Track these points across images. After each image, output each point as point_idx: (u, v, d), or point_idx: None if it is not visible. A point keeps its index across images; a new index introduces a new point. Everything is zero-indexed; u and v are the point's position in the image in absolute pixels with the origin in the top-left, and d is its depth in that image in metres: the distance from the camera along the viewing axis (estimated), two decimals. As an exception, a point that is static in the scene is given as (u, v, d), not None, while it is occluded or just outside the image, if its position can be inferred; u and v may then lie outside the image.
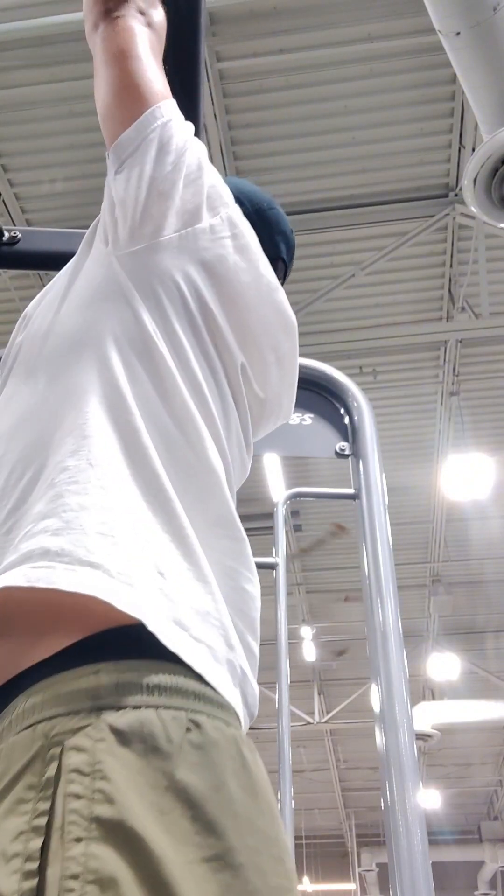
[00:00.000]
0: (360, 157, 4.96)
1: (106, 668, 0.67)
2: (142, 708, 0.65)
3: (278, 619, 2.08)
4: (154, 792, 0.61)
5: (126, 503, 0.76)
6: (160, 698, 0.66)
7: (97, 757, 0.61)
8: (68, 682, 0.66)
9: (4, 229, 1.48)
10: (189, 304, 0.91)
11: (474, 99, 3.14)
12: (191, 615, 0.73)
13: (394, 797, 1.51)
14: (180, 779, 0.62)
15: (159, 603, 0.71)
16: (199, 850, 0.60)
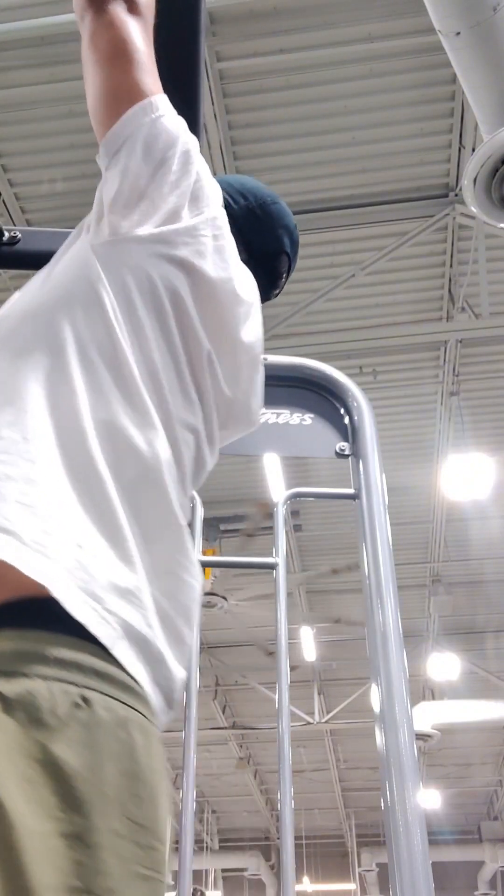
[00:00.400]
0: (360, 157, 4.96)
1: (7, 635, 0.68)
2: (33, 678, 0.65)
3: (278, 619, 2.08)
4: (26, 762, 0.61)
5: (53, 479, 0.76)
6: (55, 671, 0.66)
7: None
8: None
9: (4, 229, 1.48)
10: (159, 294, 0.92)
11: (474, 99, 3.14)
12: (106, 589, 0.73)
13: (394, 797, 1.51)
14: (56, 753, 0.62)
15: (73, 573, 0.71)
16: (59, 825, 0.60)
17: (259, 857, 16.27)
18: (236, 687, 11.09)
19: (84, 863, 0.60)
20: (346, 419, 2.10)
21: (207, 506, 2.50)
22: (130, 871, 0.64)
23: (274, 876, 16.21)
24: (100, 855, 0.62)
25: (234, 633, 9.12)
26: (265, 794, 14.94)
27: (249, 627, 8.55)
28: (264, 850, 16.66)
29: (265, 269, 1.12)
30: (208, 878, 16.41)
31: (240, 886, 17.11)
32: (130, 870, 0.64)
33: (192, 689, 1.95)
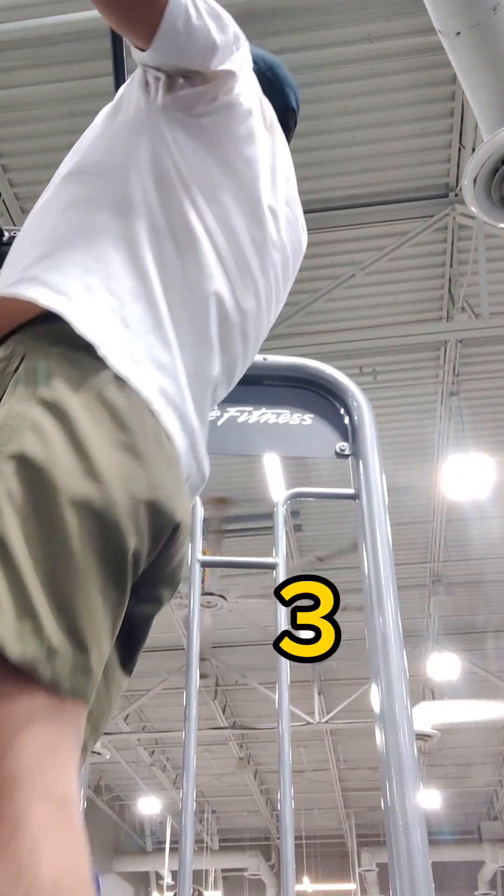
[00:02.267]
0: (360, 157, 4.96)
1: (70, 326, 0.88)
2: (89, 354, 0.87)
3: (278, 619, 2.07)
4: (86, 395, 0.83)
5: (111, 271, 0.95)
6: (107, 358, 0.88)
7: (50, 364, 0.85)
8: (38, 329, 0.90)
9: (4, 229, 1.49)
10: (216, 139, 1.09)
11: (474, 99, 3.14)
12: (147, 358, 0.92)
13: (394, 797, 1.51)
14: (108, 394, 0.85)
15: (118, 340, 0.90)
16: (112, 437, 0.82)
17: (259, 857, 16.27)
18: (236, 687, 11.09)
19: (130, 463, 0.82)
20: (346, 419, 2.10)
21: (207, 506, 2.50)
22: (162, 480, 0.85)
23: (274, 876, 16.21)
24: (143, 462, 0.84)
25: (234, 632, 9.12)
26: (265, 794, 14.94)
27: (249, 627, 8.55)
28: (264, 850, 16.66)
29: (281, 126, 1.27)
30: (208, 878, 16.41)
31: (240, 886, 17.11)
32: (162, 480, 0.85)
33: (191, 689, 1.95)
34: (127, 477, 0.81)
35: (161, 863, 14.65)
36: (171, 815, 14.45)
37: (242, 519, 7.64)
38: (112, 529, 0.78)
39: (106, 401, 0.84)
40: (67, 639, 0.71)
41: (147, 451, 0.85)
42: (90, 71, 4.36)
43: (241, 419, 2.14)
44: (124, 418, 0.84)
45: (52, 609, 0.71)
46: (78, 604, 0.73)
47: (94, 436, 0.80)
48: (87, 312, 0.90)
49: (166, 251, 1.00)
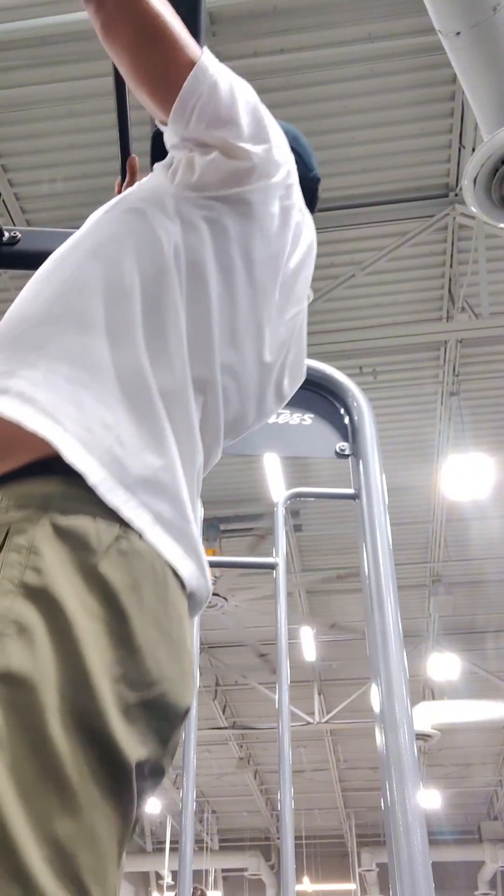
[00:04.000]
0: (360, 157, 4.96)
1: (57, 480, 0.79)
2: (82, 515, 0.77)
3: (278, 619, 2.08)
4: (77, 576, 0.74)
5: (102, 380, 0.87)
6: (100, 510, 0.78)
7: (35, 540, 0.74)
8: (23, 487, 0.79)
9: (4, 229, 1.49)
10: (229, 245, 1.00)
11: (474, 99, 3.14)
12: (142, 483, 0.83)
13: (394, 797, 1.51)
14: (102, 571, 0.75)
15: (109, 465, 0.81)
16: (106, 626, 0.73)
17: (259, 857, 16.28)
18: (236, 687, 11.09)
19: (126, 659, 0.73)
20: (346, 419, 2.10)
21: (207, 506, 2.51)
22: (164, 674, 0.76)
23: (274, 876, 16.21)
24: (139, 656, 0.74)
25: (234, 632, 9.13)
26: (265, 794, 14.94)
27: (249, 627, 8.56)
28: (264, 850, 16.67)
29: (307, 196, 1.23)
30: (208, 878, 16.41)
31: (240, 886, 17.11)
32: (164, 673, 0.76)
33: (192, 689, 1.95)
34: (119, 678, 0.72)
35: (161, 863, 14.65)
36: (171, 815, 14.45)
37: (242, 519, 7.64)
38: (109, 750, 0.69)
39: (101, 582, 0.74)
40: None
41: (145, 638, 0.75)
42: (90, 71, 4.36)
43: (241, 419, 2.14)
44: (121, 603, 0.74)
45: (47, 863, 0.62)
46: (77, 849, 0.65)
47: (86, 629, 0.71)
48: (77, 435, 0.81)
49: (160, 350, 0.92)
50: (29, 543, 0.74)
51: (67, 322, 0.90)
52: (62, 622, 0.70)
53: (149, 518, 0.82)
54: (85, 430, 0.82)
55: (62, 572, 0.73)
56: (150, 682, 0.75)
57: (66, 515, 0.77)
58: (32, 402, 0.81)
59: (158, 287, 0.94)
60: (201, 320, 0.96)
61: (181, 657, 0.80)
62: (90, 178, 4.80)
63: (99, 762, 0.68)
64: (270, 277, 1.06)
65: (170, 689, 0.77)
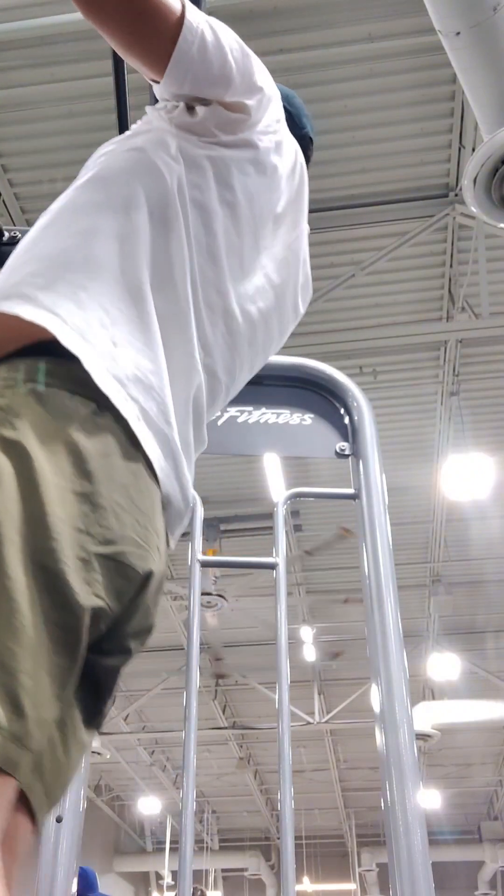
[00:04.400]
0: (360, 157, 4.96)
1: (46, 360, 0.84)
2: (62, 390, 0.82)
3: (278, 619, 2.08)
4: (50, 438, 0.78)
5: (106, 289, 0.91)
6: (82, 388, 0.83)
7: (15, 402, 0.80)
8: (14, 363, 0.84)
9: (4, 229, 1.49)
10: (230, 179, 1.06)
11: (474, 99, 3.14)
12: (133, 380, 0.87)
13: (394, 797, 1.52)
14: (74, 437, 0.79)
15: (103, 358, 0.86)
16: (72, 484, 0.76)
17: (259, 857, 16.28)
18: (236, 687, 11.09)
19: (88, 514, 0.76)
20: (346, 419, 2.10)
21: (207, 506, 2.51)
22: (126, 534, 0.79)
23: (274, 876, 16.21)
24: (103, 514, 0.78)
25: (234, 632, 9.12)
26: (265, 794, 14.94)
27: (250, 627, 8.55)
28: (264, 850, 16.66)
29: None
30: (208, 878, 16.41)
31: (240, 886, 17.11)
32: (126, 533, 0.79)
33: (191, 689, 1.95)
34: (80, 530, 0.75)
35: (161, 863, 14.65)
36: (171, 815, 14.45)
37: (242, 519, 7.64)
38: (61, 588, 0.72)
39: (71, 445, 0.78)
40: None
41: (110, 500, 0.79)
42: (90, 71, 4.36)
43: (241, 419, 2.14)
44: (89, 466, 0.78)
45: None
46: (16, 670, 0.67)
47: (52, 482, 0.75)
48: (75, 326, 0.86)
49: (164, 275, 0.97)
50: (9, 405, 0.79)
51: (74, 239, 0.95)
52: (31, 471, 0.74)
53: (136, 410, 0.86)
54: (82, 322, 0.87)
55: (36, 433, 0.77)
56: (110, 539, 0.77)
57: (48, 387, 0.82)
58: (33, 300, 0.87)
59: (164, 220, 0.99)
60: (210, 252, 1.02)
61: (147, 527, 0.83)
62: (90, 178, 4.79)
63: (50, 599, 0.71)
64: (269, 208, 1.12)
65: (131, 550, 0.79)
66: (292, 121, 1.27)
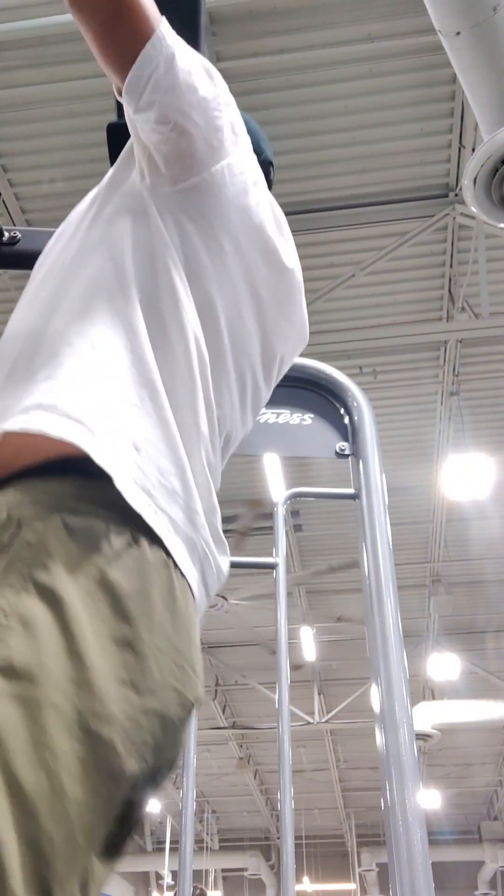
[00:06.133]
0: (360, 157, 4.96)
1: (73, 480, 0.80)
2: (94, 517, 0.77)
3: (278, 619, 2.08)
4: (86, 578, 0.73)
5: (119, 385, 0.86)
6: (113, 514, 0.78)
7: (46, 538, 0.74)
8: (39, 486, 0.80)
9: (4, 229, 1.49)
10: (213, 231, 1.01)
11: (474, 99, 3.14)
12: (158, 488, 0.84)
13: (394, 797, 1.51)
14: (111, 576, 0.74)
15: (130, 469, 0.81)
16: (111, 630, 0.72)
17: (259, 857, 16.28)
18: (236, 687, 11.09)
19: (130, 663, 0.72)
20: (346, 419, 2.10)
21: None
22: (167, 681, 0.75)
23: (274, 876, 16.21)
24: (145, 662, 0.73)
25: (234, 632, 9.12)
26: (265, 794, 14.94)
27: (250, 627, 8.55)
28: (264, 850, 16.66)
29: None
30: (208, 878, 16.41)
31: (240, 886, 17.11)
32: (167, 681, 0.75)
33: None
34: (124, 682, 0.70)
35: (161, 863, 14.64)
36: (171, 815, 14.45)
37: (238, 519, 7.63)
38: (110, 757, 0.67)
39: (108, 584, 0.73)
40: None
41: (150, 645, 0.74)
42: (90, 71, 4.36)
43: (240, 419, 2.14)
44: (127, 607, 0.73)
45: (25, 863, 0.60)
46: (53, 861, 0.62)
47: (91, 631, 0.70)
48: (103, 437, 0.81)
49: (165, 349, 0.92)
50: (39, 540, 0.74)
51: (73, 334, 0.90)
52: (68, 620, 0.69)
53: (166, 523, 0.82)
54: (109, 431, 0.82)
55: (71, 574, 0.72)
56: (153, 690, 0.73)
57: (78, 516, 0.76)
58: (53, 409, 0.82)
59: (155, 291, 0.94)
60: (207, 314, 0.97)
61: (184, 667, 0.79)
62: (90, 178, 4.77)
63: (97, 771, 0.66)
64: (257, 248, 1.05)
65: (171, 699, 0.75)
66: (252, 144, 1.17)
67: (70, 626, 0.69)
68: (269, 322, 1.08)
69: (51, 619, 0.69)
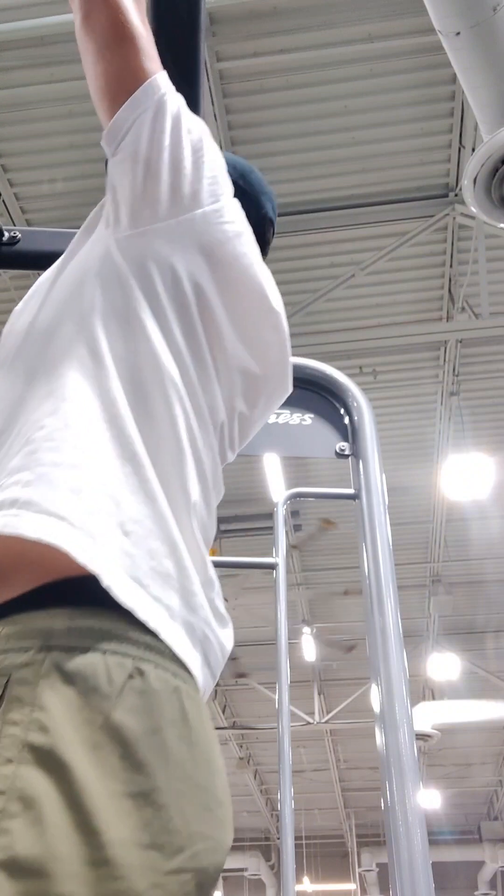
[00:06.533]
0: (360, 157, 4.96)
1: (61, 613, 0.71)
2: (89, 652, 0.69)
3: (278, 618, 2.08)
4: (89, 728, 0.65)
5: (99, 464, 0.79)
6: (109, 644, 0.70)
7: (39, 690, 0.66)
8: (24, 622, 0.71)
9: (4, 229, 1.48)
10: (183, 286, 0.92)
11: (474, 99, 3.14)
12: (150, 574, 0.77)
13: (394, 797, 1.51)
14: (116, 719, 0.66)
15: (119, 559, 0.75)
16: (125, 786, 0.64)
17: (259, 857, 16.27)
18: (236, 687, 11.09)
19: (152, 821, 0.64)
20: (346, 419, 2.10)
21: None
22: (194, 829, 0.68)
23: (274, 876, 16.20)
24: (166, 814, 0.66)
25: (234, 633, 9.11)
26: (265, 794, 14.94)
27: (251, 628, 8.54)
28: (264, 850, 16.66)
29: (255, 237, 1.10)
30: (208, 878, 16.39)
31: (240, 886, 17.11)
32: (194, 829, 0.68)
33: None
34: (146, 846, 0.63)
35: (161, 863, 14.63)
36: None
37: (242, 519, 7.64)
38: None
39: (115, 731, 0.66)
40: None
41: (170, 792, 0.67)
42: (90, 71, 4.36)
43: (240, 419, 2.14)
44: (140, 754, 0.66)
45: None
46: None
47: (102, 793, 0.62)
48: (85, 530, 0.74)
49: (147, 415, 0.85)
50: (32, 696, 0.65)
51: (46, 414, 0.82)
52: (75, 790, 0.62)
53: (163, 613, 0.76)
54: (92, 520, 0.75)
55: (71, 727, 0.65)
56: (180, 846, 0.65)
57: (72, 655, 0.69)
58: (29, 505, 0.74)
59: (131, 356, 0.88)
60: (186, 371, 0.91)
61: (211, 808, 0.72)
62: (90, 178, 4.80)
63: None
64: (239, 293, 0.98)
65: (202, 848, 0.68)
66: (248, 200, 1.10)
67: (79, 797, 0.61)
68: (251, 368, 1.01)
69: (55, 792, 0.61)
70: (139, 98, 0.94)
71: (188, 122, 0.97)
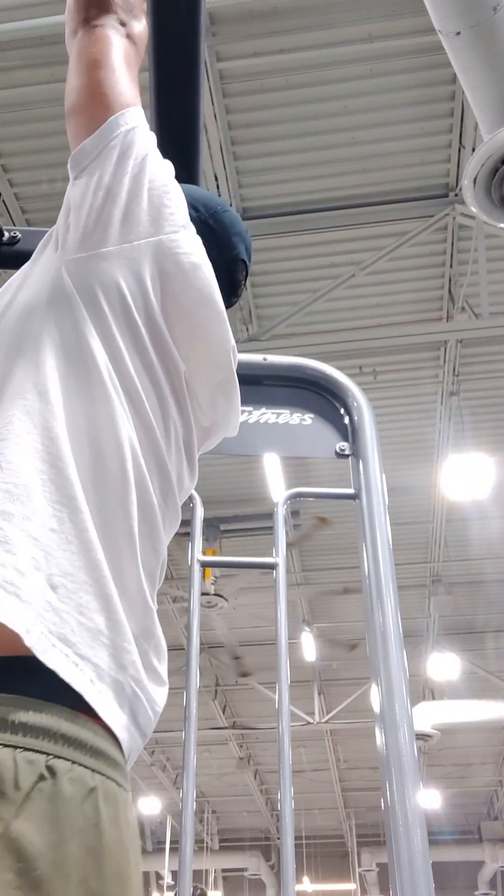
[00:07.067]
0: (360, 157, 4.96)
1: None
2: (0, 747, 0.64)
3: (278, 619, 2.07)
4: None
5: (31, 512, 0.75)
6: (21, 738, 0.65)
7: None
8: None
9: (4, 229, 1.49)
10: (132, 313, 0.90)
11: (474, 99, 3.14)
12: (79, 631, 0.72)
13: (394, 797, 1.51)
14: (17, 829, 0.61)
15: (44, 616, 0.71)
16: None
17: (259, 857, 16.27)
18: (236, 687, 11.09)
19: None
20: (346, 419, 2.10)
21: (207, 506, 2.50)
22: None
23: (274, 876, 16.21)
24: None
25: (234, 633, 9.11)
26: (265, 794, 14.94)
27: (251, 628, 8.55)
28: (264, 850, 16.66)
29: (224, 278, 1.09)
30: (208, 878, 16.41)
31: (240, 886, 17.11)
32: None
33: (191, 689, 1.95)
34: None
35: (161, 863, 14.65)
36: (171, 815, 14.45)
37: (242, 519, 7.64)
38: None
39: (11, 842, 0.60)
40: None
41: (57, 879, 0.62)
42: (90, 71, 4.36)
43: (240, 419, 2.14)
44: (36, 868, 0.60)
45: None
46: None
47: None
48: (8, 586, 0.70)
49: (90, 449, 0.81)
50: None
51: None
52: None
53: (89, 673, 0.72)
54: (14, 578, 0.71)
55: None
56: None
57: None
58: None
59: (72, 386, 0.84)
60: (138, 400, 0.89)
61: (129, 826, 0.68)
62: (90, 178, 4.80)
63: None
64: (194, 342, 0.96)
65: None
66: (216, 239, 1.08)
67: None
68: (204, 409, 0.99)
69: None
70: (110, 127, 0.97)
71: (153, 160, 0.98)
